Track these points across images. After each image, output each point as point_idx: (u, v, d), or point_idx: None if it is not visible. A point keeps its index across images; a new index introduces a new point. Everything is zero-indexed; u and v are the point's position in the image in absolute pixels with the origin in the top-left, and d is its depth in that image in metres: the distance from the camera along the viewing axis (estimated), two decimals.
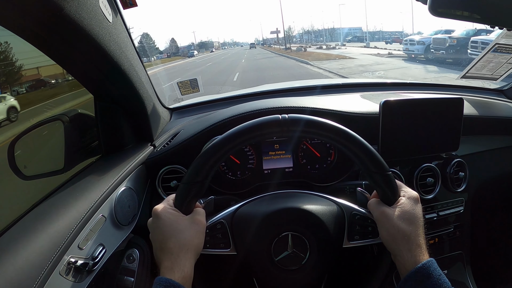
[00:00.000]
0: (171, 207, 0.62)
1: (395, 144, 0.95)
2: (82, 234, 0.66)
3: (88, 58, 0.72)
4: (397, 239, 0.60)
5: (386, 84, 1.56)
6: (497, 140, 1.22)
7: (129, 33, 0.86)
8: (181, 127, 1.13)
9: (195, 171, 0.60)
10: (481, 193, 1.16)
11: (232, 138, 0.61)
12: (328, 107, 0.99)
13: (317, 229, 0.66)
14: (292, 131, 0.61)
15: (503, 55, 1.42)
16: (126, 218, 0.81)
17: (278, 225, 0.66)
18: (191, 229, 0.60)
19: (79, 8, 0.60)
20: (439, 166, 1.02)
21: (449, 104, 0.96)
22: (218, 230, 0.67)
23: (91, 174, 0.82)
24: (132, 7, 0.77)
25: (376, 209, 0.64)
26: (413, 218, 0.61)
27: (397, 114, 0.93)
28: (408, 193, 0.65)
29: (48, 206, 0.69)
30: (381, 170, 0.62)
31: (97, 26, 0.67)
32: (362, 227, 0.67)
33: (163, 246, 0.58)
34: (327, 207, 0.69)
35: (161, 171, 0.95)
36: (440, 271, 0.56)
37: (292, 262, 0.65)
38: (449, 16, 0.70)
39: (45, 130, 0.92)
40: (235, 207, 0.70)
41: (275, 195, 0.74)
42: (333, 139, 0.62)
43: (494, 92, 1.52)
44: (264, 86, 1.76)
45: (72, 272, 0.61)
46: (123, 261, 0.79)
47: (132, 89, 0.87)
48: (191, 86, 1.29)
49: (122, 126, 0.95)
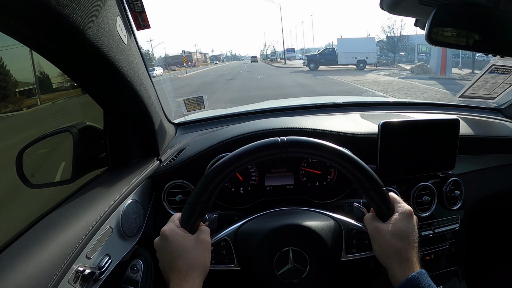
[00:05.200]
0: (177, 227, 0.65)
1: (393, 163, 0.99)
2: (90, 244, 0.68)
3: (103, 77, 0.76)
4: (389, 253, 0.63)
5: (385, 103, 1.61)
6: (493, 159, 1.24)
7: (141, 53, 0.90)
8: (186, 142, 1.17)
9: (199, 192, 0.64)
10: (477, 211, 1.18)
11: (234, 160, 0.65)
12: (328, 128, 1.02)
13: (316, 244, 0.70)
14: (290, 152, 0.65)
15: (499, 75, 1.46)
16: (131, 230, 0.83)
17: (279, 241, 0.69)
18: (198, 248, 0.63)
19: (99, 32, 0.64)
20: (436, 185, 1.05)
21: (445, 125, 1.00)
22: (223, 247, 0.70)
23: (99, 186, 0.84)
24: (146, 28, 0.80)
25: (370, 225, 0.68)
26: (405, 233, 0.64)
27: (395, 135, 0.96)
28: (401, 208, 0.68)
29: (58, 215, 0.72)
30: (375, 186, 0.66)
31: (114, 48, 0.71)
32: (359, 240, 0.70)
33: (172, 266, 0.61)
34: (325, 223, 0.73)
35: (167, 185, 0.98)
36: (430, 282, 0.58)
37: (293, 275, 0.68)
38: (444, 45, 0.74)
39: (53, 140, 0.95)
40: (238, 224, 0.74)
41: (276, 213, 0.78)
42: (330, 159, 0.66)
43: (491, 111, 1.55)
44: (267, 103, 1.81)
45: (80, 281, 0.63)
46: (128, 271, 0.81)
47: (142, 105, 0.90)
48: (197, 103, 1.34)
49: (130, 140, 0.98)
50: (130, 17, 0.80)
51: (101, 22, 0.64)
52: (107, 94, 0.83)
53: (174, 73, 36.40)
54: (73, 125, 0.93)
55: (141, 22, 0.79)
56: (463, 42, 0.74)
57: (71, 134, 0.92)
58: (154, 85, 1.03)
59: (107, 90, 0.81)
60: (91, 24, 0.60)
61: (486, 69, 1.43)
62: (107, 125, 0.94)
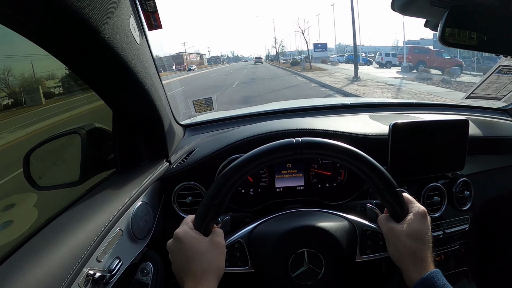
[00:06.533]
0: (191, 229, 0.64)
1: (403, 164, 0.98)
2: (101, 247, 0.67)
3: (115, 77, 0.75)
4: (404, 254, 0.63)
5: (393, 104, 1.61)
6: (502, 159, 1.24)
7: (151, 53, 0.89)
8: (195, 144, 1.16)
9: (213, 193, 0.64)
10: (486, 211, 1.18)
11: (249, 162, 0.64)
12: (339, 129, 1.02)
13: (331, 245, 0.69)
14: (306, 153, 0.65)
15: (507, 76, 1.46)
16: (141, 232, 0.82)
17: (294, 242, 0.69)
18: (212, 251, 0.62)
19: (113, 31, 0.63)
20: (445, 186, 1.04)
21: (455, 126, 1.00)
22: (236, 249, 0.69)
23: (108, 188, 0.84)
24: (157, 28, 0.80)
25: (384, 225, 0.67)
26: (420, 234, 0.64)
27: (405, 136, 0.96)
28: (416, 209, 0.67)
29: (68, 218, 0.71)
30: (390, 187, 0.65)
31: (128, 48, 0.70)
32: (373, 241, 0.70)
33: (187, 269, 0.60)
34: (340, 224, 0.72)
35: (177, 187, 0.97)
36: (444, 281, 0.58)
37: (308, 277, 0.68)
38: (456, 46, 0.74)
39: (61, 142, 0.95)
40: (252, 226, 0.73)
41: (289, 214, 0.77)
42: (344, 159, 0.66)
43: (498, 111, 1.55)
44: (275, 104, 1.80)
45: (90, 284, 0.62)
46: (137, 274, 0.81)
47: (152, 106, 0.89)
48: (206, 104, 1.34)
49: (139, 141, 0.98)
50: (143, 17, 0.80)
51: (116, 21, 0.63)
52: (118, 94, 0.82)
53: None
54: (81, 127, 0.93)
55: (153, 22, 0.79)
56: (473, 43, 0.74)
57: (79, 135, 0.91)
58: (163, 87, 1.02)
59: (119, 91, 0.81)
60: (107, 23, 0.60)
61: (493, 69, 1.43)
62: (116, 127, 0.94)
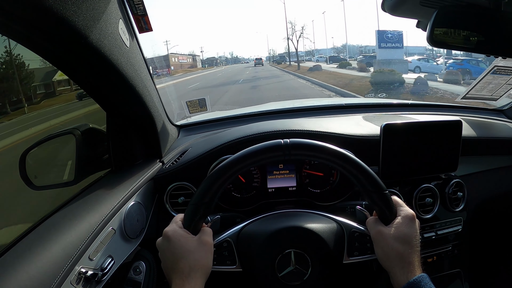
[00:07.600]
0: (180, 228, 0.65)
1: (395, 165, 0.99)
2: (93, 245, 0.68)
3: (105, 80, 0.76)
4: (391, 257, 0.63)
5: (387, 105, 1.61)
6: (496, 160, 1.24)
7: (143, 56, 0.90)
8: (189, 144, 1.17)
9: (202, 192, 0.64)
10: (480, 213, 1.18)
11: (237, 162, 0.65)
12: (330, 130, 1.03)
13: (318, 246, 0.70)
14: (294, 154, 0.66)
15: (502, 76, 1.46)
16: (134, 232, 0.83)
17: (281, 243, 0.70)
18: (200, 250, 0.63)
19: (101, 36, 0.64)
20: (438, 187, 1.05)
21: (448, 127, 1.00)
22: (225, 248, 0.70)
23: (102, 188, 0.85)
24: (148, 31, 0.81)
25: (372, 228, 0.68)
26: (407, 237, 0.64)
27: (397, 137, 0.96)
28: (404, 212, 0.68)
29: (61, 217, 0.72)
30: (378, 189, 0.66)
31: (116, 51, 0.71)
32: (361, 243, 0.71)
33: (174, 267, 0.61)
34: (327, 225, 0.73)
35: (169, 187, 0.98)
36: (431, 286, 0.58)
37: (295, 277, 0.68)
38: (445, 46, 0.74)
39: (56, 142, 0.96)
40: (240, 226, 0.74)
41: (278, 215, 0.78)
42: (332, 161, 0.66)
43: (494, 112, 1.54)
44: (269, 105, 1.81)
45: (82, 282, 0.63)
46: (130, 273, 0.81)
47: (144, 108, 0.90)
48: (199, 105, 1.34)
49: (133, 142, 0.99)
50: (133, 20, 0.80)
51: (103, 25, 0.65)
52: (110, 97, 0.84)
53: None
54: (76, 127, 0.94)
55: (143, 25, 0.80)
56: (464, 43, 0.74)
57: (74, 136, 0.92)
58: (156, 88, 1.03)
59: (110, 93, 0.82)
60: (93, 28, 0.61)
61: (488, 70, 1.42)
62: (110, 128, 0.94)
